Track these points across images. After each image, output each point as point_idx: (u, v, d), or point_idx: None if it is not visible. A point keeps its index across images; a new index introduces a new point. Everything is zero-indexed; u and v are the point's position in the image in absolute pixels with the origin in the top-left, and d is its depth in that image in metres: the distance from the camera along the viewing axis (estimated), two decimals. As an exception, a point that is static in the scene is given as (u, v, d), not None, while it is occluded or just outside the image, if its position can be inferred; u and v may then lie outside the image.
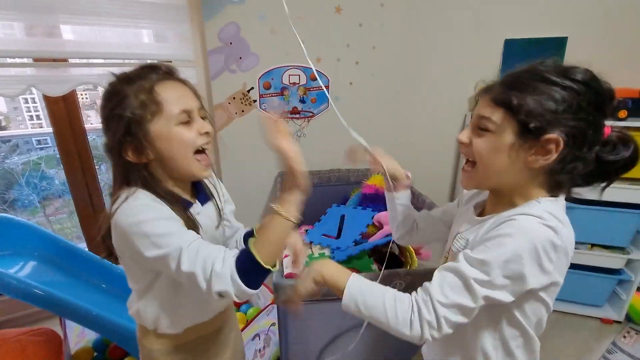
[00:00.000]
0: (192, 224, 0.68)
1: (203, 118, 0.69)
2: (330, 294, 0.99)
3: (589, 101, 0.54)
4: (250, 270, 0.58)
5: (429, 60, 1.88)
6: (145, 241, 0.59)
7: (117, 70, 0.66)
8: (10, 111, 3.00)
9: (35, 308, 1.66)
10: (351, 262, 1.40)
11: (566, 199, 0.61)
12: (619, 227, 1.68)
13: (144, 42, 1.74)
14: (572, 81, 0.54)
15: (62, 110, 1.62)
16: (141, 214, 0.60)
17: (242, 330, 1.29)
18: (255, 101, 1.83)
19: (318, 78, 1.83)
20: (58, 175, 2.88)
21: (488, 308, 0.58)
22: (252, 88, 1.81)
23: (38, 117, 3.11)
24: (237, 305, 1.74)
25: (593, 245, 1.77)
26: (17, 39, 1.46)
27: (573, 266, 1.72)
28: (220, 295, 0.58)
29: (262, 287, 1.60)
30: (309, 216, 1.88)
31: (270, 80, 1.81)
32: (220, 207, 0.80)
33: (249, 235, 0.84)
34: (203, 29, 1.67)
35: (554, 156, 0.55)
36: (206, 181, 0.79)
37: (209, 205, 0.78)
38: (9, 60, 1.50)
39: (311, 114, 1.91)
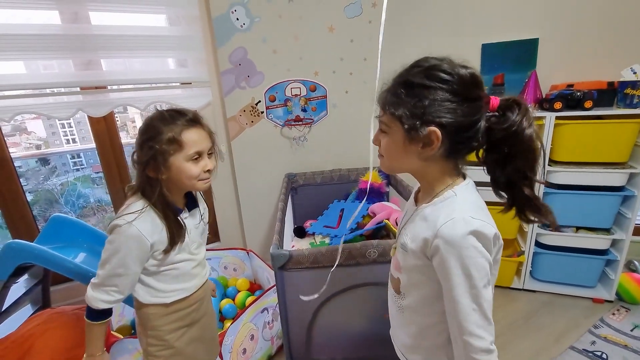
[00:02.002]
0: (179, 225, 0.90)
1: (210, 154, 0.91)
2: (318, 262, 1.20)
3: (452, 91, 0.60)
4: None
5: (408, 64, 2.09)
6: (109, 255, 0.85)
7: (149, 93, 0.93)
8: (49, 136, 3.42)
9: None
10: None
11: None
12: (601, 210, 1.79)
13: (169, 68, 2.05)
14: (433, 79, 0.61)
15: (103, 129, 1.94)
16: (119, 243, 0.84)
17: (251, 304, 1.51)
18: (262, 112, 2.10)
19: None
20: (93, 194, 3.23)
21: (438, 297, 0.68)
22: (260, 101, 2.08)
23: (74, 140, 3.52)
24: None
25: (578, 228, 1.88)
26: (69, 72, 1.80)
27: (561, 249, 1.86)
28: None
29: (269, 269, 1.83)
30: (314, 212, 2.12)
31: (274, 93, 2.08)
32: (201, 212, 1.02)
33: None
34: (216, 54, 1.97)
35: (437, 145, 0.62)
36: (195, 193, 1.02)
37: (195, 212, 1.00)
38: (62, 90, 1.84)
39: (311, 121, 2.16)
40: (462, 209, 0.63)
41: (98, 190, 3.35)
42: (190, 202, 0.99)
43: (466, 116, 0.61)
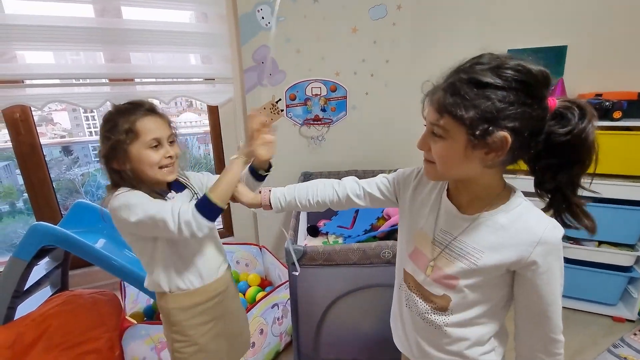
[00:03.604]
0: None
1: (172, 142, 0.91)
2: (332, 260, 1.20)
3: (524, 92, 0.54)
4: (205, 206, 0.82)
5: (436, 71, 2.07)
6: (130, 208, 0.81)
7: (173, 87, 0.93)
8: (73, 127, 3.49)
9: (104, 281, 2.04)
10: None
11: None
12: (626, 225, 1.73)
13: (193, 64, 2.09)
14: (504, 78, 0.54)
15: (128, 120, 2.00)
16: (126, 197, 0.83)
17: (262, 299, 1.52)
18: (282, 110, 2.12)
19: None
20: None
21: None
22: (280, 99, 2.10)
23: (97, 132, 3.63)
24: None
25: (601, 242, 1.82)
26: (99, 64, 1.86)
27: (582, 263, 1.80)
28: (188, 227, 0.80)
29: (281, 266, 1.84)
30: (328, 211, 2.11)
31: (295, 92, 2.10)
32: (195, 192, 1.00)
33: None
34: (240, 52, 2.01)
35: (505, 151, 0.56)
36: (179, 178, 1.00)
37: (185, 192, 0.98)
38: (89, 81, 1.91)
39: (330, 121, 2.16)
40: (544, 214, 0.63)
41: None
42: (177, 186, 0.98)
43: (537, 120, 0.56)
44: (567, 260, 1.85)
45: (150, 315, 1.79)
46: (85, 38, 1.75)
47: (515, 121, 0.54)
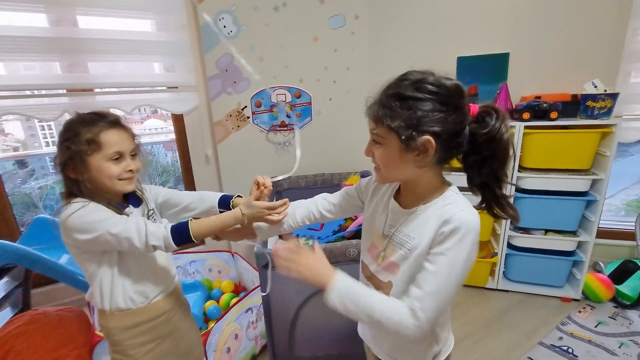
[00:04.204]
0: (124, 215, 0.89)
1: (134, 156, 0.90)
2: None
3: (441, 101, 0.64)
4: (182, 235, 0.85)
5: (393, 77, 2.20)
6: (85, 228, 0.80)
7: (135, 96, 0.94)
8: (27, 138, 3.21)
9: (69, 298, 1.97)
10: (327, 245, 1.66)
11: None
12: (567, 213, 1.91)
13: (155, 72, 2.08)
14: (422, 91, 0.64)
15: (89, 131, 1.95)
16: (81, 216, 0.81)
17: (235, 304, 1.54)
18: (248, 117, 2.15)
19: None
20: None
21: None
22: (246, 107, 2.14)
23: (54, 142, 3.45)
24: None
25: (547, 230, 2.00)
26: (55, 75, 1.80)
27: (532, 250, 1.96)
28: (154, 247, 0.83)
29: (254, 271, 1.87)
30: (298, 215, 2.17)
31: (260, 99, 2.14)
32: (148, 208, 0.99)
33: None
34: (203, 60, 2.02)
35: (432, 152, 0.65)
36: (137, 191, 0.98)
37: (141, 209, 0.98)
38: (45, 92, 1.85)
39: (296, 126, 2.22)
40: (469, 206, 0.68)
41: None
42: (133, 200, 0.97)
43: (455, 124, 0.65)
44: (519, 249, 2.02)
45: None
46: (40, 48, 1.70)
47: (436, 125, 0.63)
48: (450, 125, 0.64)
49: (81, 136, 0.82)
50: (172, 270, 1.06)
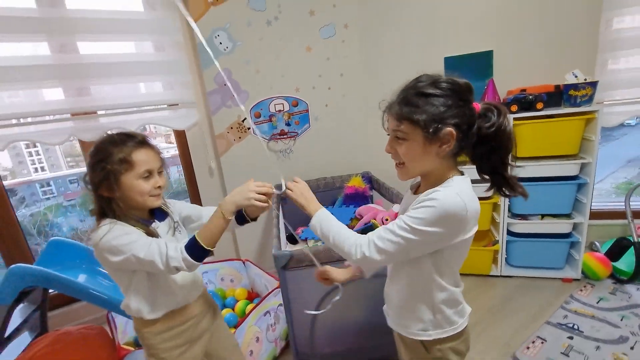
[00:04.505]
0: (152, 234, 0.93)
1: (160, 173, 0.96)
2: (317, 260, 1.32)
3: (457, 97, 0.73)
4: (195, 249, 0.87)
5: (384, 80, 2.31)
6: (114, 250, 0.86)
7: (138, 116, 0.98)
8: (15, 165, 3.25)
9: (86, 317, 2.00)
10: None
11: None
12: (561, 197, 2.01)
13: (155, 91, 2.13)
14: (441, 89, 0.72)
15: (95, 152, 2.00)
16: (110, 239, 0.86)
17: (254, 308, 1.60)
18: (249, 128, 2.22)
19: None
20: (66, 222, 3.11)
21: (419, 263, 0.80)
22: (245, 118, 2.21)
23: (42, 168, 3.38)
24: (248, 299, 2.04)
25: (543, 215, 2.09)
26: (60, 100, 1.85)
27: (530, 235, 2.05)
28: (176, 269, 0.87)
29: (267, 275, 1.92)
30: (305, 219, 2.23)
31: (259, 110, 2.22)
32: (174, 222, 1.05)
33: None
34: (202, 76, 2.09)
35: (453, 142, 0.73)
36: (162, 205, 1.06)
37: (167, 221, 1.03)
38: (51, 117, 1.89)
39: (296, 134, 2.30)
40: (464, 191, 0.75)
41: (71, 218, 3.26)
42: (159, 214, 1.03)
43: (470, 117, 0.74)
44: (518, 235, 2.11)
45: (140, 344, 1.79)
46: (44, 75, 1.75)
47: (455, 118, 0.73)
48: (466, 118, 0.74)
49: (114, 156, 0.87)
50: (199, 278, 1.12)
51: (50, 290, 1.81)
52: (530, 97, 1.86)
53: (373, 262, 0.78)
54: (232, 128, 2.21)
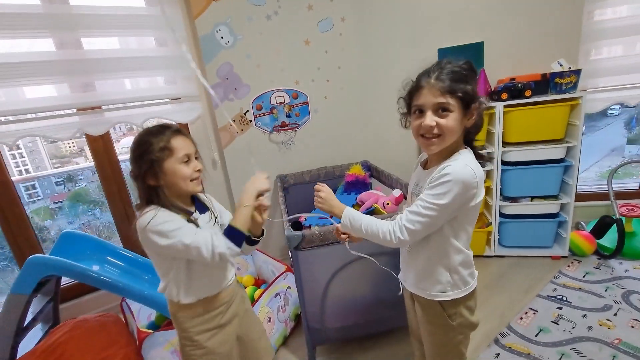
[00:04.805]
0: (192, 223, 0.99)
1: (196, 158, 1.04)
2: (327, 239, 1.41)
3: (474, 78, 0.88)
4: (234, 234, 0.96)
5: (381, 71, 2.40)
6: (162, 234, 0.92)
7: (142, 110, 1.18)
8: None
9: (96, 309, 2.05)
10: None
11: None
12: (548, 180, 2.14)
13: (159, 86, 2.17)
14: (466, 70, 0.86)
15: (101, 146, 2.04)
16: (159, 223, 0.92)
17: (265, 290, 1.68)
18: (251, 121, 2.29)
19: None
20: (53, 226, 3.12)
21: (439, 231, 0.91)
22: (248, 111, 2.27)
23: (27, 170, 3.26)
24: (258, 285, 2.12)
25: (533, 197, 2.22)
26: (66, 95, 1.88)
27: (520, 216, 2.18)
28: (220, 256, 0.93)
29: (273, 261, 2.00)
30: (307, 207, 2.31)
31: (261, 103, 2.28)
32: (215, 215, 1.12)
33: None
34: (205, 70, 2.14)
35: (475, 115, 0.88)
36: (203, 199, 1.13)
37: (206, 214, 1.10)
38: (60, 112, 1.92)
39: (297, 125, 2.37)
40: (472, 161, 0.88)
41: (59, 221, 3.26)
42: (200, 206, 1.10)
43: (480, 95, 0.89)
44: (510, 217, 2.24)
45: (154, 329, 1.85)
46: (50, 71, 1.78)
47: (477, 94, 0.87)
48: (478, 94, 0.88)
49: (155, 145, 0.94)
50: (230, 268, 1.18)
51: (62, 284, 1.85)
52: (519, 85, 1.97)
53: (408, 242, 0.91)
54: (234, 121, 2.27)
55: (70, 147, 3.58)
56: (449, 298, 0.95)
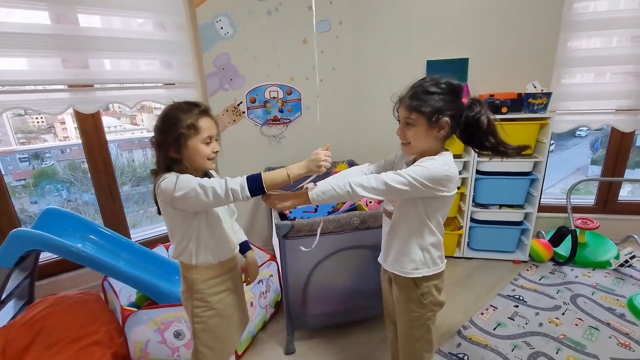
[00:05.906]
0: None
1: (216, 140, 1.08)
2: (314, 230, 1.50)
3: (452, 95, 0.96)
4: (254, 183, 0.98)
5: (373, 77, 2.51)
6: (179, 186, 0.96)
7: (135, 92, 1.25)
8: None
9: (73, 289, 2.03)
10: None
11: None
12: (516, 191, 2.33)
13: (154, 69, 2.17)
14: (441, 88, 0.96)
15: (90, 125, 2.02)
16: (174, 177, 0.98)
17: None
18: (244, 112, 2.33)
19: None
20: (17, 203, 2.96)
21: (413, 210, 1.03)
22: (241, 102, 2.31)
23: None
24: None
25: (501, 205, 2.41)
26: (57, 70, 1.85)
27: (488, 222, 2.36)
28: (232, 193, 0.95)
29: (257, 249, 2.07)
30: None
31: (255, 95, 2.33)
32: None
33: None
34: (202, 58, 2.17)
35: (448, 129, 0.97)
36: (214, 175, 1.20)
37: None
38: (49, 87, 1.89)
39: (289, 121, 2.44)
40: (448, 161, 0.99)
41: (22, 199, 3.16)
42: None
43: (459, 109, 0.97)
44: (479, 222, 2.42)
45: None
46: (43, 44, 1.75)
47: (450, 111, 0.96)
48: (457, 111, 0.98)
49: (183, 122, 0.99)
50: (234, 238, 1.24)
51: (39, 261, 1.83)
52: (497, 102, 2.14)
53: (391, 190, 0.96)
54: (227, 111, 2.31)
55: (39, 122, 3.45)
56: (421, 275, 1.08)
